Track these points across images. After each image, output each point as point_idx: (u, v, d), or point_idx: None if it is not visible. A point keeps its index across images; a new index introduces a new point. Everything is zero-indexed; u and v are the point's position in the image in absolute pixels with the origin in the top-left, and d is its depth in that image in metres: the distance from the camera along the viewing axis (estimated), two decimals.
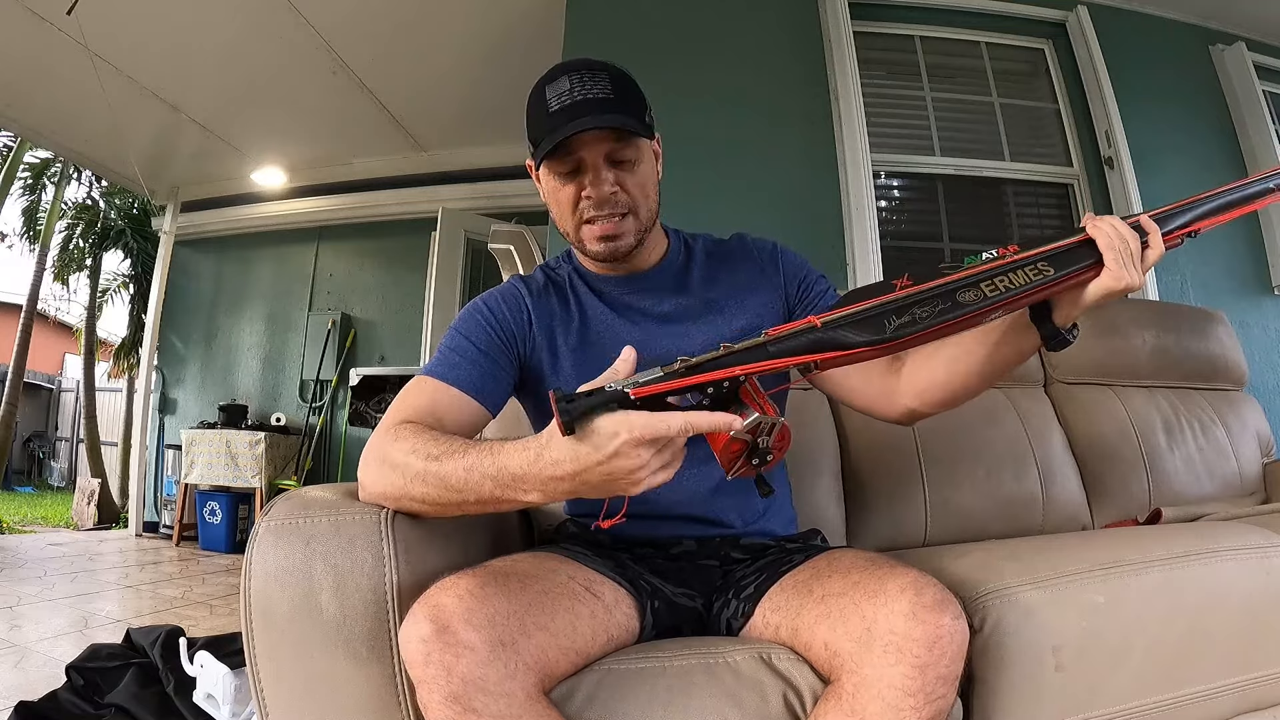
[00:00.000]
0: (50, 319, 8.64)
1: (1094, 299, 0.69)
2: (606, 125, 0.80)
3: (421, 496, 0.68)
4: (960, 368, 0.81)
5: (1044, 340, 0.74)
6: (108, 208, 6.18)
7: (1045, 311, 0.73)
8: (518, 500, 0.64)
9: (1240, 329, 1.92)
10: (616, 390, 0.60)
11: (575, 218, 0.87)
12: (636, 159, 0.86)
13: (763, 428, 0.62)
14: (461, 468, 0.65)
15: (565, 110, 0.80)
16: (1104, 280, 0.68)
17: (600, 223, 0.86)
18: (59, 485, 8.85)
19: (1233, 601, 0.86)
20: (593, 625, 0.71)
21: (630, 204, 0.86)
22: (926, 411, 0.86)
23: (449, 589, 0.61)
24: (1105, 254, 0.68)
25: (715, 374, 0.62)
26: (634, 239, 0.88)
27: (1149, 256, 0.70)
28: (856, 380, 0.90)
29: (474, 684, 0.58)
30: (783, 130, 2.20)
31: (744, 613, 0.80)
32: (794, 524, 1.00)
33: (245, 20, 2.94)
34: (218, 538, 4.05)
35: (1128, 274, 0.67)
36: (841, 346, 0.65)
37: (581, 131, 0.79)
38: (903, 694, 0.61)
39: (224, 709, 1.43)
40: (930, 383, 0.84)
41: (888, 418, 0.90)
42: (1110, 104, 2.33)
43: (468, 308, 0.93)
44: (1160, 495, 1.50)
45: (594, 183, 0.84)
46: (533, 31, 2.91)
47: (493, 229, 3.75)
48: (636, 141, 0.85)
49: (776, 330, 0.65)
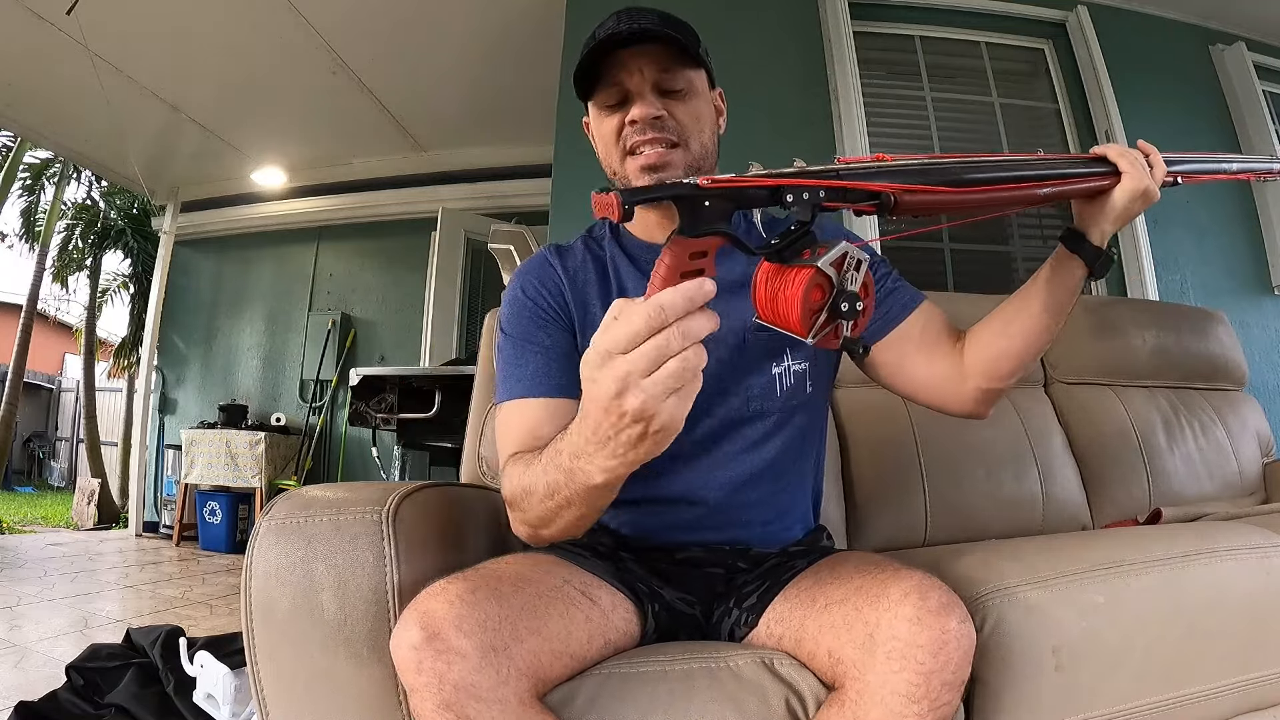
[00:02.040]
0: (50, 319, 8.65)
1: (1123, 202, 0.71)
2: (647, 36, 0.75)
3: (537, 519, 0.67)
4: (1019, 323, 0.78)
5: (1087, 263, 0.74)
6: (108, 208, 6.18)
7: (1079, 237, 0.74)
8: (588, 484, 0.59)
9: (1240, 329, 1.92)
10: (684, 181, 0.52)
11: (619, 150, 0.81)
12: (688, 90, 0.80)
13: (849, 260, 0.52)
14: (541, 471, 0.64)
15: (608, 40, 0.77)
16: (1127, 182, 0.70)
17: (644, 150, 0.79)
18: (59, 485, 8.85)
19: (1233, 601, 0.86)
20: (588, 629, 0.70)
21: (680, 133, 0.80)
22: (996, 386, 0.81)
23: (439, 595, 0.60)
24: (1120, 161, 0.71)
25: (788, 180, 0.54)
26: (683, 174, 0.79)
27: (1156, 173, 0.73)
28: (920, 362, 0.84)
29: (466, 691, 0.57)
30: (783, 130, 2.20)
31: (746, 622, 0.78)
32: (809, 517, 0.95)
33: (245, 20, 2.94)
34: (218, 538, 4.05)
35: (1145, 176, 0.71)
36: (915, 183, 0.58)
37: (618, 46, 0.75)
38: (906, 701, 0.59)
39: (224, 709, 1.42)
40: (994, 351, 0.79)
41: (960, 407, 0.84)
42: (1110, 104, 2.33)
43: (509, 301, 0.86)
44: (1160, 495, 1.50)
45: (638, 103, 0.78)
46: (533, 31, 2.92)
47: (493, 229, 3.74)
48: (687, 73, 0.80)
49: (848, 159, 0.59)
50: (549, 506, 0.65)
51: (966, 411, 0.85)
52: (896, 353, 0.86)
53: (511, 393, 0.80)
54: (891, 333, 0.86)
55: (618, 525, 0.89)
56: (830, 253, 0.52)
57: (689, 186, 0.51)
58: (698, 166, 0.82)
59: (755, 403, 0.85)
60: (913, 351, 0.85)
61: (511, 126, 3.85)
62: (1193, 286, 2.27)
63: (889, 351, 0.86)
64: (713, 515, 0.86)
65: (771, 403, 0.86)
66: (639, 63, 0.79)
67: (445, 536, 0.79)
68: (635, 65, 0.79)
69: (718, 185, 0.51)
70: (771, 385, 0.86)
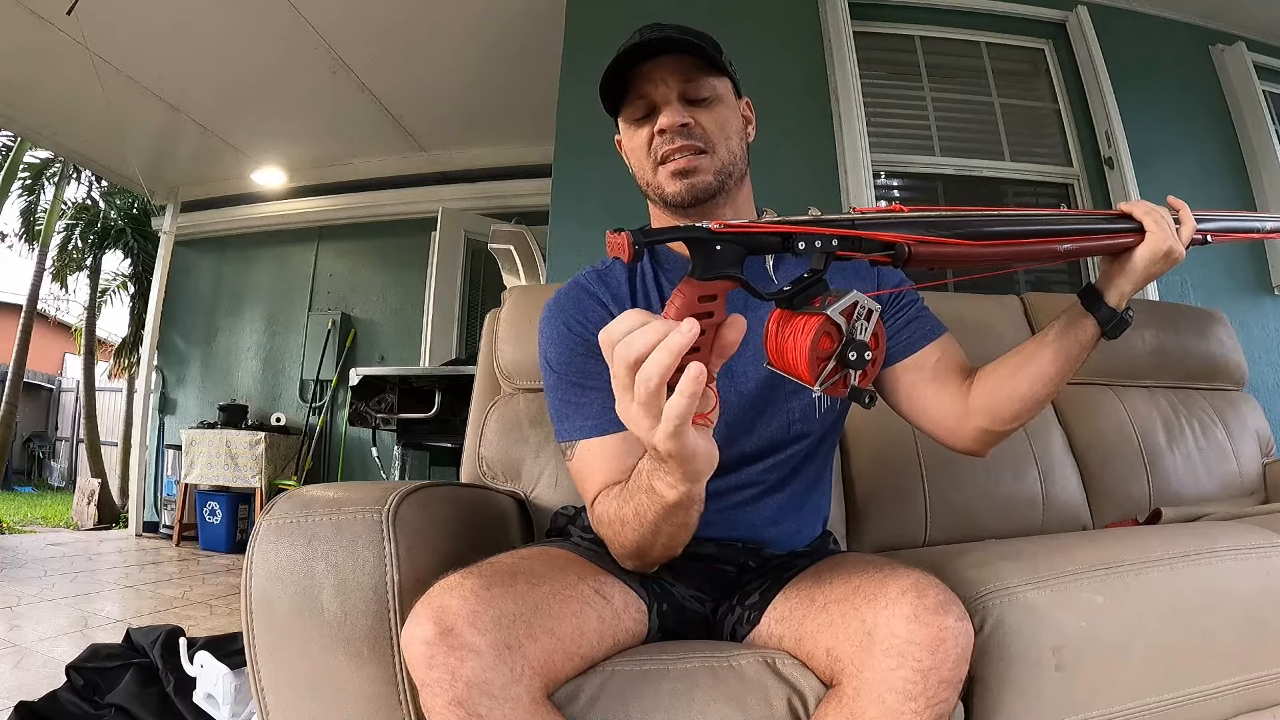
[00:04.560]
0: (50, 319, 8.65)
1: (1144, 264, 0.70)
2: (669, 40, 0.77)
3: (635, 547, 0.70)
4: (1025, 372, 0.79)
5: (1101, 324, 0.73)
6: (108, 208, 6.17)
7: (1096, 296, 0.73)
8: (663, 496, 0.61)
9: (1240, 329, 1.92)
10: (698, 225, 0.52)
11: (651, 160, 0.82)
12: (713, 99, 0.82)
13: (860, 309, 0.52)
14: (629, 496, 0.67)
15: (633, 50, 0.78)
16: (1149, 243, 0.69)
17: (674, 159, 0.80)
18: (59, 485, 8.84)
19: (1233, 601, 0.86)
20: (599, 629, 0.70)
21: (707, 140, 0.81)
22: (998, 430, 0.82)
23: (454, 589, 0.60)
24: (1144, 219, 0.69)
25: (801, 228, 0.54)
26: (714, 179, 0.81)
27: (1184, 232, 0.71)
28: (930, 393, 0.85)
29: (479, 688, 0.56)
30: (783, 130, 2.20)
31: (749, 620, 0.79)
32: (821, 521, 0.97)
33: (245, 20, 2.94)
34: (218, 538, 4.05)
35: (1169, 237, 0.69)
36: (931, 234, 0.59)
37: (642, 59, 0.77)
38: (903, 698, 0.59)
39: (224, 709, 1.42)
40: (999, 396, 0.80)
41: (959, 443, 0.86)
42: (1110, 104, 2.33)
43: (555, 339, 0.85)
44: (1160, 495, 1.50)
45: (665, 113, 0.80)
46: (532, 31, 2.92)
47: (493, 229, 3.75)
48: (711, 82, 0.82)
49: (865, 209, 0.59)
50: (642, 532, 0.68)
51: (965, 449, 0.86)
52: (909, 380, 0.87)
53: (584, 431, 0.80)
54: (909, 358, 0.87)
55: None
56: (840, 301, 0.52)
57: (701, 230, 0.51)
58: (727, 173, 0.82)
59: (796, 425, 0.87)
60: (925, 381, 0.86)
61: (511, 126, 3.85)
62: (1193, 286, 2.27)
63: (903, 377, 0.87)
64: (733, 514, 0.87)
65: (811, 424, 0.88)
66: (662, 73, 0.80)
67: (445, 536, 0.79)
68: (659, 76, 0.80)
69: (730, 230, 0.51)
70: (811, 407, 0.88)
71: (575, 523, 0.95)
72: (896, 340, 0.87)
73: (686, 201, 0.82)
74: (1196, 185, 2.38)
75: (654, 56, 0.79)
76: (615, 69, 0.79)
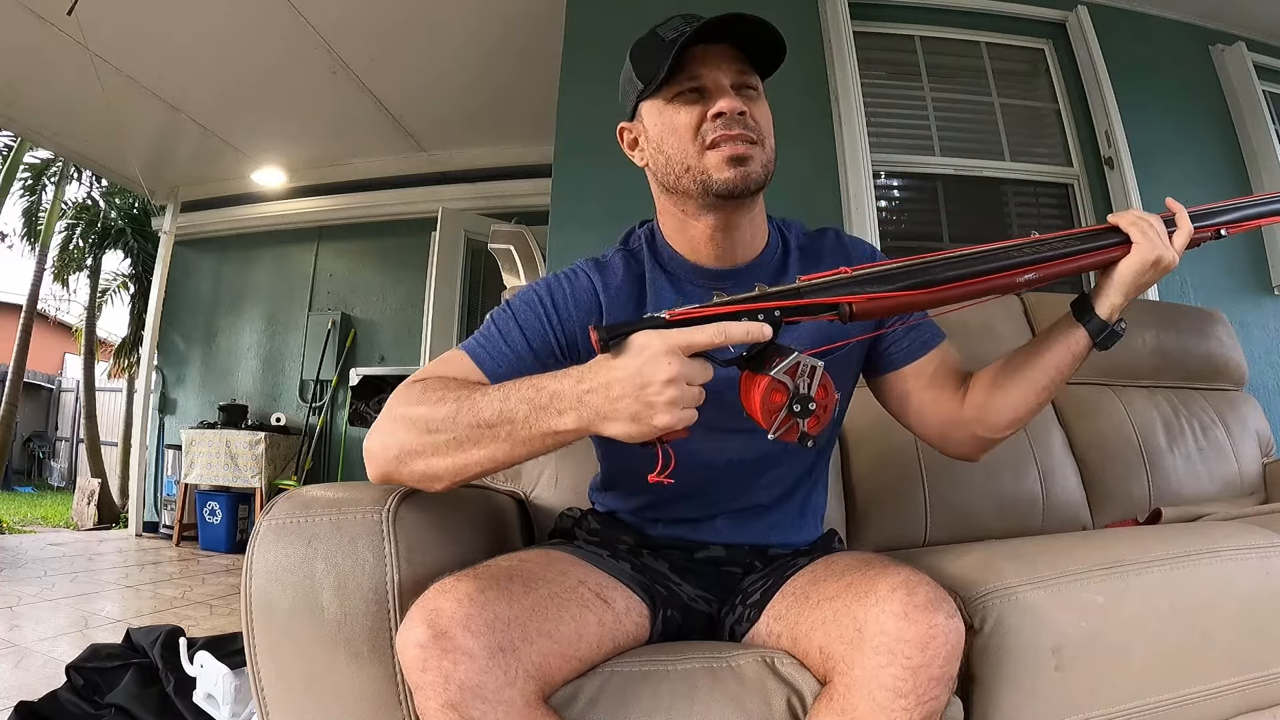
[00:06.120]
0: (50, 319, 8.63)
1: (1132, 275, 0.70)
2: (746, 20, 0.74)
3: (446, 443, 0.66)
4: (1017, 380, 0.79)
5: (1092, 335, 0.73)
6: (108, 208, 6.17)
7: (1088, 307, 0.73)
8: (550, 427, 0.62)
9: (1240, 329, 1.92)
10: (654, 316, 0.62)
11: (697, 143, 0.77)
12: (759, 94, 0.80)
13: (802, 369, 0.61)
14: (497, 398, 0.65)
15: (684, 35, 0.74)
16: (1136, 254, 0.69)
17: (729, 143, 0.76)
18: (59, 485, 8.84)
19: (1233, 601, 0.86)
20: (599, 633, 0.70)
21: (759, 132, 0.78)
22: (991, 436, 0.83)
23: (447, 592, 0.60)
24: (1130, 230, 0.69)
25: (750, 305, 0.62)
26: (761, 172, 0.78)
27: (1178, 237, 0.71)
28: (927, 400, 0.86)
29: (471, 691, 0.57)
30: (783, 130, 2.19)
31: (749, 618, 0.79)
32: (820, 520, 0.98)
33: (245, 20, 2.94)
34: (218, 538, 4.05)
35: (1157, 246, 0.69)
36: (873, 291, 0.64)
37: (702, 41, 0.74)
38: (894, 695, 0.59)
39: (224, 709, 1.42)
40: (991, 403, 0.81)
41: (954, 449, 0.87)
42: (1110, 104, 2.33)
43: (534, 290, 0.84)
44: (1160, 495, 1.50)
45: (723, 97, 0.76)
46: (533, 31, 2.92)
47: (493, 229, 3.75)
48: (758, 80, 0.80)
49: (810, 276, 0.65)
50: (477, 436, 0.65)
51: (959, 455, 0.87)
52: (907, 387, 0.88)
53: (472, 352, 0.79)
54: (907, 366, 0.88)
55: (639, 524, 0.91)
56: (785, 362, 0.61)
57: (659, 320, 0.61)
58: (768, 170, 0.80)
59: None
60: (922, 388, 0.87)
61: (511, 126, 3.85)
62: (1193, 286, 2.27)
63: (901, 383, 0.88)
64: (742, 522, 0.89)
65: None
66: (718, 59, 0.77)
67: (445, 536, 0.79)
68: (714, 61, 0.77)
69: (684, 316, 0.61)
70: None
71: (581, 525, 0.95)
72: (897, 347, 0.88)
73: (736, 191, 0.77)
74: (1197, 185, 2.37)
75: (713, 40, 0.76)
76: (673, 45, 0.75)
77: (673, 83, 0.77)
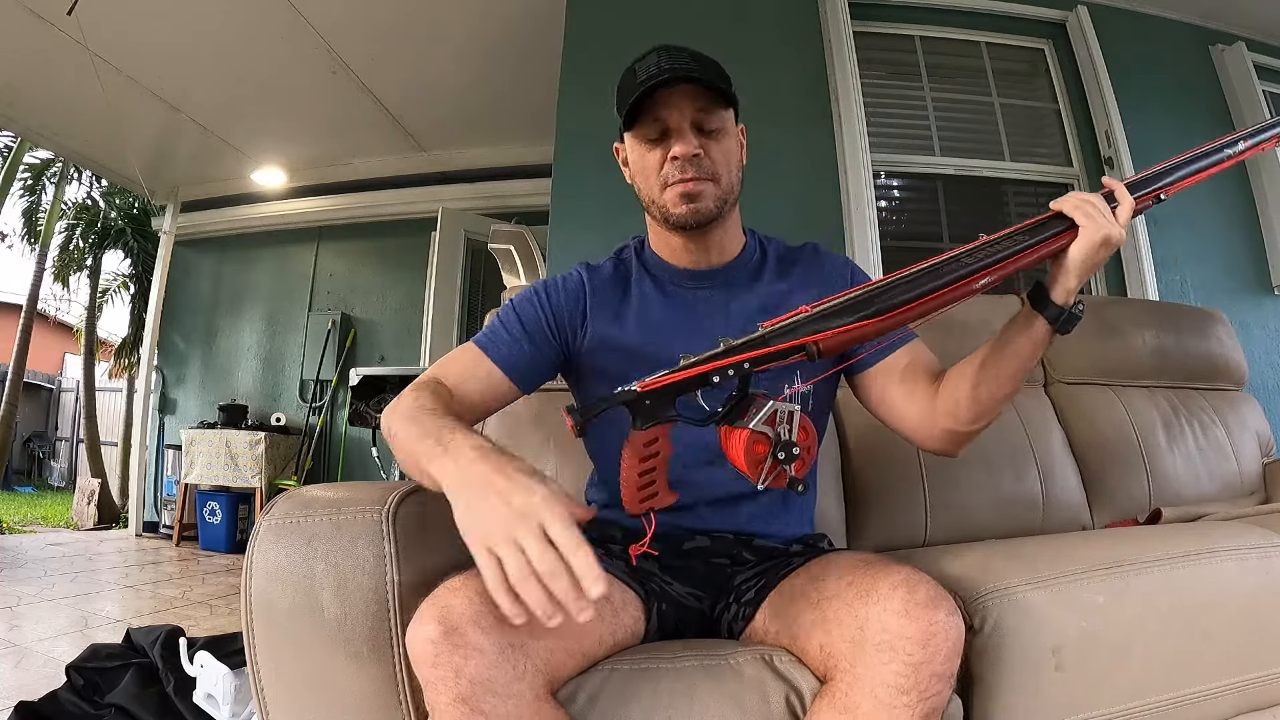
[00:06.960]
0: (50, 319, 8.63)
1: (1080, 257, 0.70)
2: (689, 78, 0.83)
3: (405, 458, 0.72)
4: (983, 373, 0.80)
5: (1050, 321, 0.74)
6: (108, 208, 6.17)
7: (1044, 295, 0.74)
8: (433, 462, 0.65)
9: (1240, 329, 1.92)
10: (624, 389, 0.62)
11: (659, 181, 0.88)
12: (721, 130, 0.87)
13: (780, 416, 0.62)
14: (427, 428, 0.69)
15: (652, 78, 0.83)
16: (1083, 236, 0.70)
17: (682, 183, 0.86)
18: (59, 485, 8.84)
19: (1233, 601, 0.86)
20: (600, 628, 0.72)
21: (713, 170, 0.87)
22: (962, 430, 0.84)
23: (458, 591, 0.62)
24: (1074, 214, 0.71)
25: (717, 363, 0.63)
26: (714, 205, 0.88)
27: (1121, 212, 0.72)
28: (900, 395, 0.88)
29: (482, 685, 0.58)
30: (783, 130, 2.20)
31: (744, 616, 0.81)
32: (812, 523, 1.00)
33: (245, 20, 2.94)
34: (218, 538, 4.05)
35: (1103, 225, 0.70)
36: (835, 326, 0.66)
37: (662, 86, 0.82)
38: (896, 692, 0.60)
39: (224, 709, 1.42)
40: (959, 395, 0.82)
41: (930, 444, 0.88)
42: (1110, 104, 2.33)
43: (532, 287, 0.96)
44: (1160, 495, 1.50)
45: (679, 141, 0.85)
46: (532, 31, 2.92)
47: (493, 229, 3.75)
48: (721, 113, 0.87)
49: (772, 321, 0.67)
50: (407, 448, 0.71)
51: (935, 449, 0.88)
52: (880, 383, 0.90)
53: (479, 342, 0.90)
54: (879, 364, 0.90)
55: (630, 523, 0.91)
56: (762, 413, 0.63)
57: (630, 393, 0.63)
58: (725, 200, 0.89)
59: None
60: (895, 385, 0.89)
61: (511, 126, 3.85)
62: (1193, 286, 2.27)
63: (875, 381, 0.91)
64: (723, 509, 0.90)
65: None
66: (679, 101, 0.85)
67: (445, 536, 0.79)
68: (676, 103, 0.85)
69: (653, 386, 0.63)
70: None
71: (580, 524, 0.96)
72: (869, 346, 0.89)
73: (688, 224, 0.88)
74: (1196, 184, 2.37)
75: (672, 85, 0.84)
76: (637, 93, 0.84)
77: (641, 123, 0.87)
